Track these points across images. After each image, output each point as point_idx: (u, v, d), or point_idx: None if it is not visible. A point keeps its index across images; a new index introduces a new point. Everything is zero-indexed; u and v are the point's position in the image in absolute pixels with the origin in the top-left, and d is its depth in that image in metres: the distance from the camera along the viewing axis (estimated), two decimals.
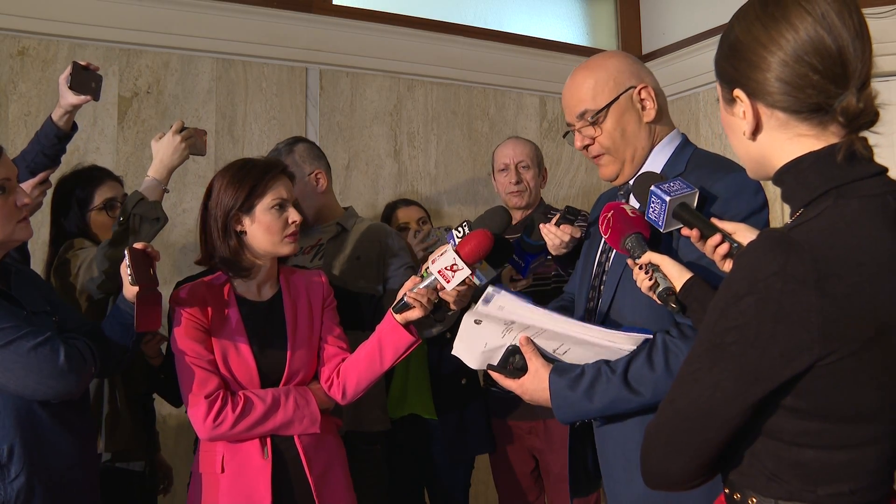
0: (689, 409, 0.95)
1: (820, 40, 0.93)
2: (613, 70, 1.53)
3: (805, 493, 0.94)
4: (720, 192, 1.38)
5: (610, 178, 1.58)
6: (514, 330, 1.45)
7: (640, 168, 1.55)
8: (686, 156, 1.51)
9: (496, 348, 1.48)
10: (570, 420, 1.46)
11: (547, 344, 1.44)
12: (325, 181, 2.36)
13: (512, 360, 1.45)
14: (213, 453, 1.73)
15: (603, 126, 1.52)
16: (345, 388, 1.80)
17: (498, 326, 1.46)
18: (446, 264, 1.62)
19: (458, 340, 1.52)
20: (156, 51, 2.88)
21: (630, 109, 1.52)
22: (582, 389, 1.38)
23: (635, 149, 1.53)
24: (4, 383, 1.49)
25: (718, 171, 1.41)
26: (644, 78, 1.54)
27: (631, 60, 1.57)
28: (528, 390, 1.44)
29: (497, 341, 1.47)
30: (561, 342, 1.43)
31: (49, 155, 1.99)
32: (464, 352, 1.52)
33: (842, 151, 0.94)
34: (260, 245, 1.78)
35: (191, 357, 1.71)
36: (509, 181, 2.59)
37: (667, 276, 1.30)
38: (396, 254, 2.32)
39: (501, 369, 1.46)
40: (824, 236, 0.90)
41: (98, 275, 1.93)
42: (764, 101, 0.99)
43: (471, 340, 1.50)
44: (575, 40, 3.92)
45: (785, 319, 0.87)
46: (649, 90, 1.51)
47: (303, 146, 2.39)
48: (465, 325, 1.50)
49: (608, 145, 1.53)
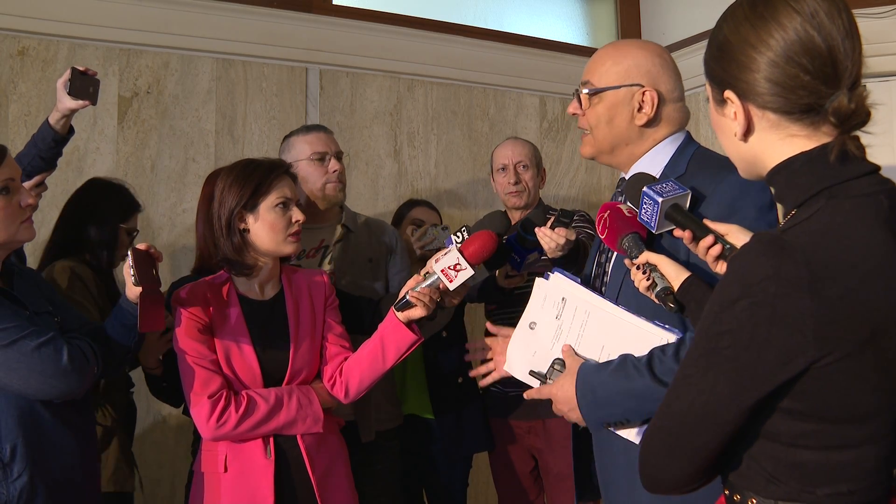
0: (686, 414, 0.95)
1: (810, 40, 0.92)
2: (632, 61, 1.51)
3: (804, 494, 0.93)
4: (726, 191, 1.36)
5: (586, 156, 1.60)
6: (563, 331, 1.48)
7: (629, 163, 1.54)
8: (687, 156, 1.49)
9: (544, 358, 1.50)
10: (594, 417, 1.40)
11: (589, 351, 1.46)
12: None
13: (554, 366, 1.47)
14: (216, 453, 1.73)
15: (595, 106, 1.52)
16: (347, 386, 1.80)
17: (551, 327, 1.50)
18: (450, 264, 1.62)
19: (511, 352, 1.54)
20: (156, 51, 2.88)
21: (626, 104, 1.50)
22: (608, 371, 1.37)
23: (617, 142, 1.52)
24: (7, 383, 1.49)
25: (722, 171, 1.38)
26: (659, 83, 1.50)
27: (658, 60, 1.53)
28: (560, 388, 1.42)
29: (546, 350, 1.50)
30: (602, 344, 1.44)
31: (46, 158, 1.99)
32: (514, 363, 1.55)
33: (834, 151, 0.93)
34: (263, 243, 1.78)
35: (193, 357, 1.71)
36: (508, 181, 2.60)
37: (664, 276, 1.30)
38: (398, 252, 2.33)
39: (543, 377, 1.47)
40: (817, 238, 0.89)
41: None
42: (755, 103, 0.98)
43: (523, 349, 1.53)
44: (575, 40, 3.93)
45: (779, 323, 0.87)
46: (653, 95, 1.48)
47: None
48: (518, 333, 1.53)
49: (591, 125, 1.53)
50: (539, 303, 1.53)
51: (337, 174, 2.22)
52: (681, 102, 1.55)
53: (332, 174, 2.21)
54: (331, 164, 2.22)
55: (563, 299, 1.49)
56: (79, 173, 2.74)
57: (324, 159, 2.22)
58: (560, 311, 1.50)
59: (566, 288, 1.50)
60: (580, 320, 1.47)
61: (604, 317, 1.44)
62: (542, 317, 1.52)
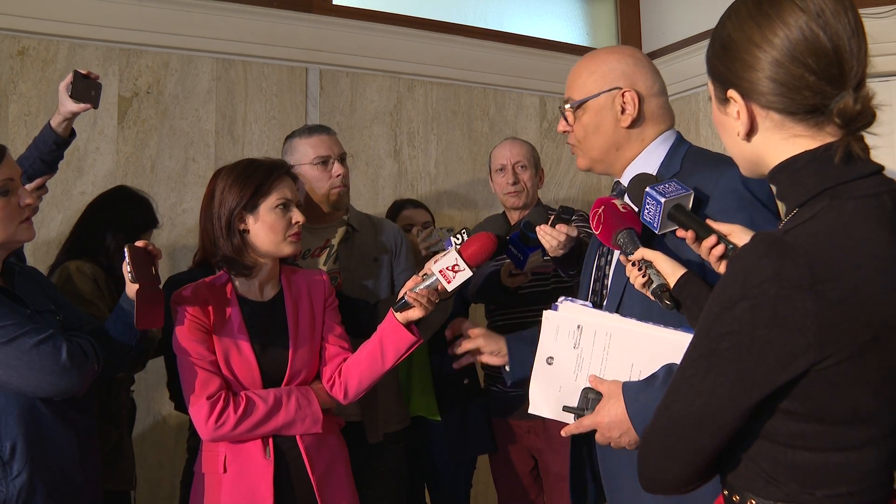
0: (685, 415, 0.95)
1: (815, 39, 0.91)
2: (606, 67, 1.53)
3: (803, 496, 0.93)
4: (728, 184, 1.36)
5: (582, 169, 1.62)
6: (585, 360, 1.44)
7: (622, 166, 1.54)
8: (680, 155, 1.50)
9: (571, 392, 1.44)
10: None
11: (618, 374, 1.41)
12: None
13: (587, 396, 1.40)
14: (216, 453, 1.73)
15: (580, 118, 1.54)
16: (346, 387, 1.80)
17: (570, 359, 1.44)
18: (448, 264, 1.63)
19: (533, 392, 1.50)
20: (156, 51, 2.88)
21: (608, 109, 1.51)
22: (657, 387, 1.30)
23: (608, 148, 1.53)
24: (7, 380, 1.49)
25: (720, 166, 1.39)
26: (637, 82, 1.51)
27: (632, 61, 1.54)
28: (607, 415, 1.33)
29: (571, 383, 1.45)
30: (631, 362, 1.40)
31: (47, 161, 2.00)
32: (540, 402, 1.50)
33: (838, 152, 0.92)
34: (262, 244, 1.78)
35: (192, 357, 1.71)
36: (506, 181, 2.60)
37: (660, 273, 1.29)
38: (402, 251, 2.33)
39: (579, 410, 1.40)
40: (819, 239, 0.88)
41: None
42: (758, 102, 0.97)
43: (546, 386, 1.48)
44: (575, 40, 3.93)
45: (780, 325, 0.86)
46: (633, 95, 1.49)
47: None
48: (537, 371, 1.49)
49: (580, 137, 1.55)
50: (552, 335, 1.47)
51: (341, 178, 2.20)
52: (663, 97, 1.55)
53: (335, 178, 2.19)
54: (334, 168, 2.20)
55: (579, 327, 1.44)
56: (79, 173, 2.74)
57: (327, 163, 2.20)
58: (577, 339, 1.45)
59: (579, 315, 1.45)
60: (602, 344, 1.43)
61: (626, 335, 1.40)
62: (558, 349, 1.47)
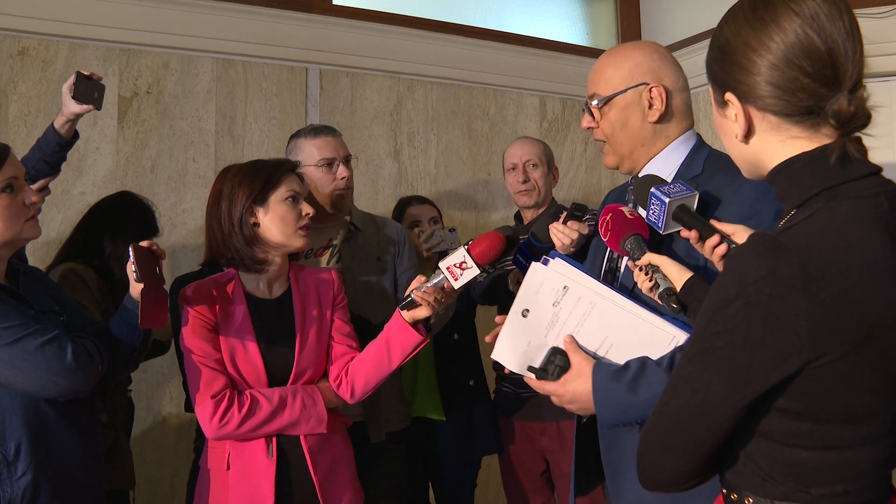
0: (681, 413, 0.96)
1: (809, 42, 0.92)
2: (632, 63, 1.53)
3: (799, 494, 0.94)
4: (747, 193, 1.36)
5: (610, 167, 1.60)
6: (561, 319, 1.42)
7: (645, 163, 1.54)
8: (702, 157, 1.51)
9: (539, 347, 1.43)
10: (612, 420, 1.38)
11: (590, 341, 1.40)
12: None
13: (553, 359, 1.39)
14: (222, 450, 1.74)
15: (607, 115, 1.54)
16: (353, 387, 1.81)
17: (545, 314, 1.41)
18: (456, 262, 1.63)
19: (501, 341, 1.47)
20: (156, 51, 2.88)
21: (636, 105, 1.51)
22: (626, 381, 1.31)
23: (634, 145, 1.53)
24: (12, 381, 1.50)
25: (741, 173, 1.41)
26: (663, 77, 1.52)
27: (657, 56, 1.55)
28: (570, 390, 1.35)
29: (540, 339, 1.43)
30: (605, 335, 1.39)
31: (50, 162, 2.00)
32: (505, 353, 1.46)
33: (834, 153, 0.93)
34: (274, 236, 1.79)
35: (198, 356, 1.72)
36: (517, 180, 2.59)
37: (667, 277, 1.30)
38: (405, 249, 2.33)
39: (542, 372, 1.39)
40: (813, 239, 0.89)
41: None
42: (755, 105, 0.98)
43: (514, 338, 1.45)
44: (575, 40, 3.93)
45: (774, 323, 0.87)
46: (660, 90, 1.50)
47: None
48: (510, 321, 1.46)
49: (607, 134, 1.55)
50: (534, 288, 1.44)
51: (345, 181, 2.21)
52: (686, 93, 1.57)
53: (339, 181, 2.20)
54: (339, 170, 2.21)
55: (566, 287, 1.42)
56: (79, 173, 2.74)
57: (332, 165, 2.21)
58: (559, 298, 1.42)
59: (570, 275, 1.42)
60: (582, 310, 1.40)
61: (610, 309, 1.39)
62: (536, 303, 1.44)
